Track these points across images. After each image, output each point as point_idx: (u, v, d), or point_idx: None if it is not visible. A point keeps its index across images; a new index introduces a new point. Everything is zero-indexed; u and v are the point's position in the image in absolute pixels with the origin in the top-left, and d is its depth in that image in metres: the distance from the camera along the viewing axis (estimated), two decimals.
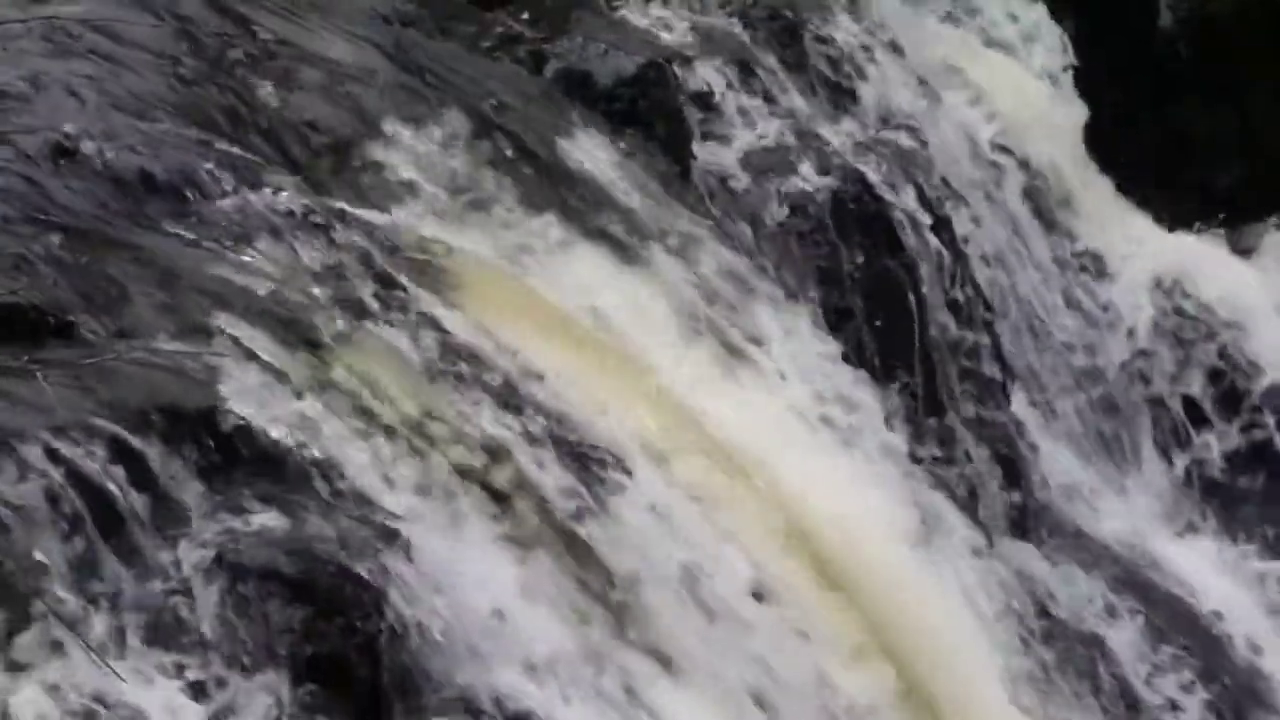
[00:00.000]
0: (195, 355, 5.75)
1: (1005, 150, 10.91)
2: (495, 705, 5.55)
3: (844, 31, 9.94)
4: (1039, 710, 8.39)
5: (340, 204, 6.99)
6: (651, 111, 8.71)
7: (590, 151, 8.28)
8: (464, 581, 5.67)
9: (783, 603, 6.83)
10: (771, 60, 9.54)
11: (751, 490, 7.16)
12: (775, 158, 8.99)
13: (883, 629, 7.25)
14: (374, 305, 6.57)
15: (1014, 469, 9.60)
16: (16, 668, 4.67)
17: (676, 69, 8.92)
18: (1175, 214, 11.78)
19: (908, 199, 9.31)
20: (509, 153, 7.88)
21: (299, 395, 5.86)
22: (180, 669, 4.92)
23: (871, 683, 7.07)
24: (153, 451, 5.29)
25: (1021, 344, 10.22)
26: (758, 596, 6.76)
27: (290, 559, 5.26)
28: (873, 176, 9.21)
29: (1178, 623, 9.68)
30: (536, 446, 6.43)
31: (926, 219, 9.31)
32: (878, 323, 8.96)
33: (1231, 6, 12.08)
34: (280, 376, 5.88)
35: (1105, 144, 11.69)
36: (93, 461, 5.10)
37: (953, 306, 9.43)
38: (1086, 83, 11.80)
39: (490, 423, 6.38)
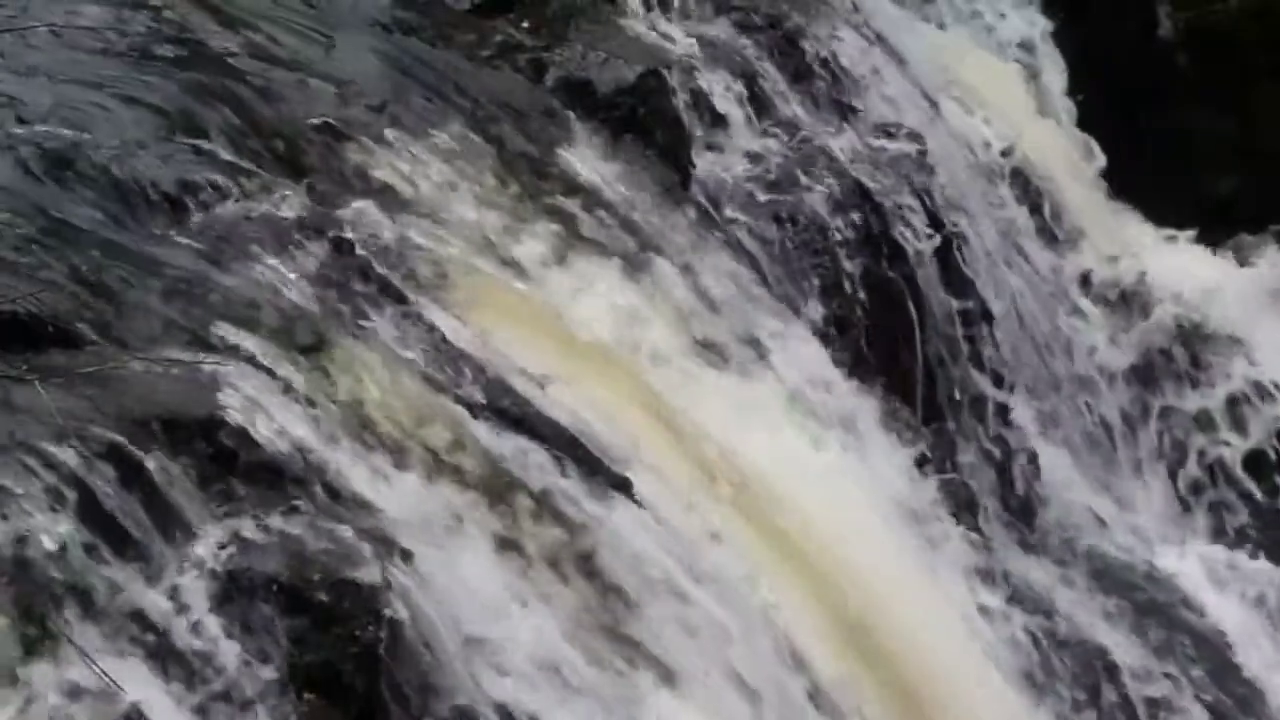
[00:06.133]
0: (195, 364, 5.75)
1: (1005, 158, 10.91)
2: (494, 714, 5.54)
3: (844, 41, 9.93)
4: (1038, 716, 8.39)
5: (340, 212, 6.99)
6: (651, 120, 8.70)
7: (590, 159, 8.28)
8: (462, 590, 5.67)
9: (782, 611, 6.83)
10: (771, 69, 9.53)
11: (751, 498, 7.16)
12: (775, 166, 8.98)
13: (882, 635, 7.25)
14: (374, 314, 6.57)
15: (1014, 477, 9.60)
16: (16, 675, 4.67)
17: (676, 77, 8.92)
18: (1175, 221, 11.79)
19: (907, 207, 9.31)
20: (509, 161, 7.88)
21: (299, 404, 5.86)
22: (178, 677, 4.92)
23: (872, 689, 7.07)
24: (152, 460, 5.29)
25: (1021, 352, 10.21)
26: (754, 603, 6.77)
27: (289, 568, 5.26)
28: (872, 185, 9.21)
29: (1176, 629, 9.67)
30: (535, 455, 6.43)
31: (926, 227, 9.31)
32: (877, 331, 8.96)
33: (1230, 15, 12.09)
34: (280, 385, 5.88)
35: (1105, 151, 11.69)
36: (92, 470, 5.10)
37: (952, 315, 9.43)
38: (1085, 91, 11.81)
39: (490, 432, 6.38)
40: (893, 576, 7.62)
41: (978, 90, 11.10)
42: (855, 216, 9.04)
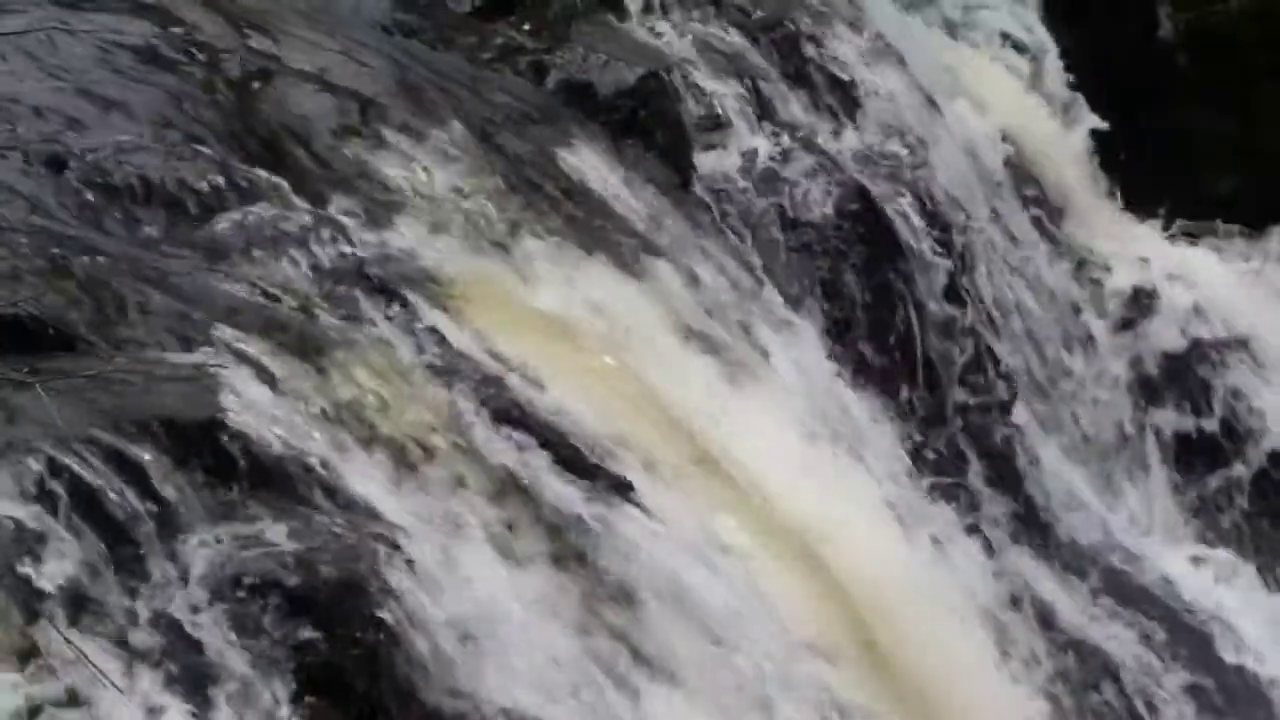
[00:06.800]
0: (196, 367, 5.75)
1: (1006, 160, 10.91)
2: (495, 716, 5.54)
3: (845, 42, 9.94)
4: (1039, 716, 8.39)
5: (340, 215, 6.99)
6: (652, 122, 8.71)
7: (591, 162, 8.29)
8: (464, 593, 5.67)
9: (783, 614, 6.83)
10: (772, 71, 9.54)
11: (752, 501, 7.16)
12: (776, 168, 8.99)
13: (884, 639, 7.25)
14: (374, 316, 6.57)
15: (1015, 480, 9.60)
16: (17, 680, 4.67)
17: (677, 80, 8.93)
18: (1176, 223, 11.80)
19: (908, 210, 9.31)
20: (510, 164, 7.88)
21: (299, 407, 5.85)
22: (180, 681, 4.92)
23: (872, 693, 7.07)
24: (153, 463, 5.28)
25: (1023, 355, 10.22)
26: (756, 606, 6.77)
27: (290, 571, 5.25)
28: (873, 187, 9.21)
29: (1178, 632, 9.68)
30: (536, 458, 6.43)
31: (927, 230, 9.31)
32: (879, 334, 8.96)
33: (1230, 16, 12.10)
34: (281, 388, 5.88)
35: (1105, 153, 11.70)
36: (93, 473, 5.10)
37: (954, 318, 9.43)
38: (1086, 92, 11.82)
39: (490, 434, 6.38)
40: (895, 577, 7.62)
41: (978, 91, 11.11)
42: (856, 218, 9.04)
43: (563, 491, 6.37)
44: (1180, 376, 11.18)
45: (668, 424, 7.16)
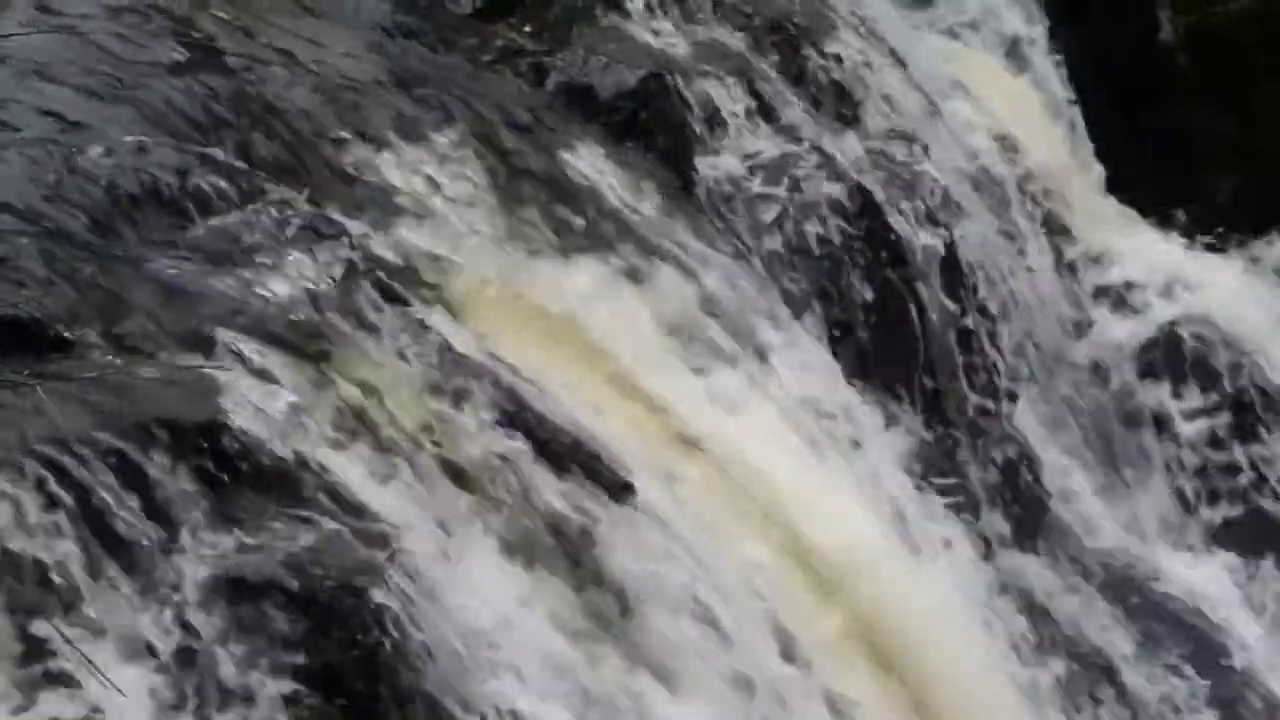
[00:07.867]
0: (196, 369, 5.76)
1: (1006, 162, 10.92)
2: (496, 717, 5.55)
3: (845, 45, 9.93)
4: (1039, 718, 8.40)
5: (341, 217, 6.99)
6: (653, 124, 8.70)
7: (591, 164, 8.28)
8: (464, 594, 5.68)
9: (782, 615, 6.84)
10: (773, 73, 9.54)
11: (752, 504, 7.16)
12: (776, 171, 8.98)
13: (883, 641, 7.26)
14: (375, 318, 6.57)
15: (1016, 481, 9.60)
16: (18, 682, 4.68)
17: (678, 81, 8.92)
18: (1177, 224, 11.80)
19: (909, 212, 9.31)
20: (510, 165, 7.88)
21: (300, 409, 5.86)
22: (180, 681, 4.93)
23: (874, 691, 7.08)
24: (154, 465, 5.29)
25: (1024, 356, 10.22)
26: (756, 608, 6.78)
27: (290, 573, 5.26)
28: (874, 189, 9.20)
29: (1179, 634, 9.68)
30: (537, 460, 6.44)
31: (928, 231, 9.31)
32: (879, 336, 8.96)
33: (1230, 18, 12.11)
34: (281, 390, 5.88)
35: (1106, 154, 11.71)
36: (93, 476, 5.11)
37: (954, 319, 9.43)
38: (1086, 92, 11.83)
39: (491, 436, 6.39)
40: (895, 576, 7.62)
41: (979, 93, 11.12)
42: (857, 220, 9.03)
43: (564, 492, 6.38)
44: (1181, 376, 11.17)
45: (668, 425, 7.17)
